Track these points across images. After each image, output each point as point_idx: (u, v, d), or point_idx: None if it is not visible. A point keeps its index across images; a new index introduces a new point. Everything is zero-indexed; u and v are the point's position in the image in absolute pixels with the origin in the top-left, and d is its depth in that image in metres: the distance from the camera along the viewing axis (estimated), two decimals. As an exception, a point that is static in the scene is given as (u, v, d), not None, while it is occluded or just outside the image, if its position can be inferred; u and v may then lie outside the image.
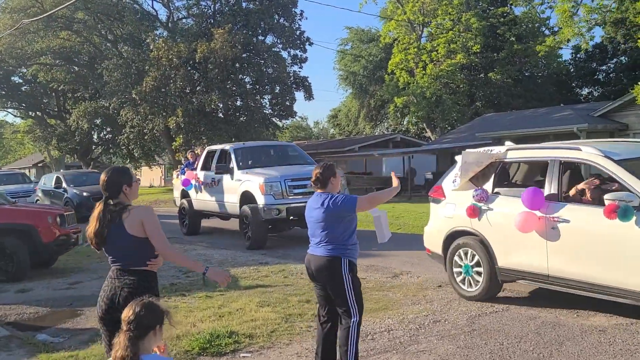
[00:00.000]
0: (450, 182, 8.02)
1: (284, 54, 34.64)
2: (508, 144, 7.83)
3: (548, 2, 43.68)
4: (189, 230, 16.12)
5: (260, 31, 34.20)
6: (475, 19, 39.04)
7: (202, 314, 7.46)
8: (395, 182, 5.38)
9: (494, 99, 43.52)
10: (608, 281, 6.15)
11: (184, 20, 37.09)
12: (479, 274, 7.46)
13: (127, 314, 3.20)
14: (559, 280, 6.64)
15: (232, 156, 14.31)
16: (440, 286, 8.51)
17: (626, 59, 47.31)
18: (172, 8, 36.45)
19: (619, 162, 6.43)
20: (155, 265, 4.10)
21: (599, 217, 6.18)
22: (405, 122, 49.15)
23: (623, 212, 5.89)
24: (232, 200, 13.89)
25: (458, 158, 7.98)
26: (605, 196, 6.12)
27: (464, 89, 41.30)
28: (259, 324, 6.89)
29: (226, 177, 14.19)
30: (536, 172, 8.05)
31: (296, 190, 12.79)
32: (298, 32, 34.62)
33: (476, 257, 7.47)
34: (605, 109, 27.14)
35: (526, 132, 28.57)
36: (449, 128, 43.39)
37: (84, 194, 21.93)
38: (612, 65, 50.40)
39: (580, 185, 6.89)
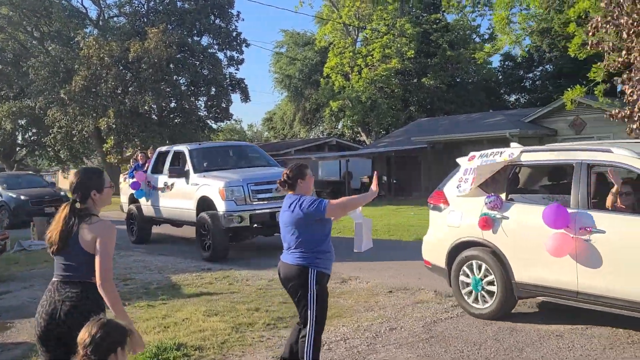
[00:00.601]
0: (454, 187, 7.22)
1: (220, 55, 34.19)
2: (514, 145, 7.23)
3: (479, 11, 44.84)
4: (138, 238, 14.78)
5: (195, 31, 33.60)
6: (410, 25, 39.56)
7: (146, 325, 7.07)
8: (374, 186, 5.10)
9: (428, 104, 44.21)
10: None
11: (115, 19, 36.06)
12: (491, 289, 6.70)
13: (83, 336, 2.82)
14: (591, 297, 5.90)
15: (188, 158, 12.98)
16: (391, 292, 8.39)
17: (551, 67, 48.98)
18: (102, 6, 35.40)
19: None
20: None
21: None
22: (340, 126, 49.30)
23: None
24: (187, 207, 12.62)
25: (460, 161, 7.44)
26: None
27: (398, 93, 41.74)
28: (208, 335, 6.56)
29: (180, 181, 12.93)
30: (553, 176, 7.56)
31: (260, 195, 11.66)
32: (234, 34, 34.20)
33: (488, 271, 6.71)
34: (535, 115, 27.90)
35: (460, 136, 29.08)
36: (384, 132, 43.79)
37: (22, 197, 20.60)
38: (538, 73, 52.09)
39: (614, 191, 6.39)
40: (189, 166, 12.80)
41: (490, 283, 6.69)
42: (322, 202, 4.72)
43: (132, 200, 14.97)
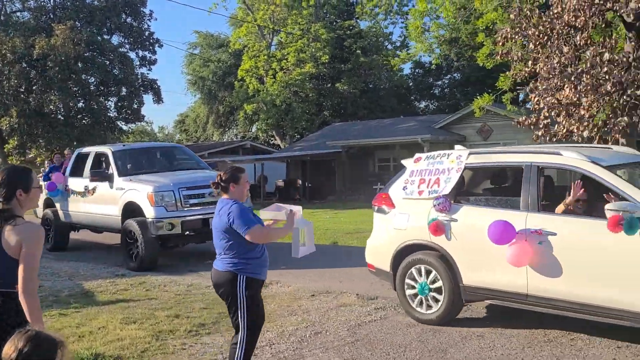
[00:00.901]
0: (400, 189, 7.06)
1: (132, 54, 33.23)
2: (458, 147, 7.26)
3: (391, 19, 45.85)
4: (55, 244, 13.65)
5: (106, 30, 32.53)
6: (324, 30, 39.90)
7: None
8: (294, 221, 4.80)
9: (341, 109, 44.71)
10: (602, 301, 5.46)
11: (19, 14, 34.35)
12: (438, 293, 6.59)
13: (8, 351, 2.54)
14: (540, 300, 5.87)
15: (112, 160, 11.96)
16: (313, 295, 8.36)
17: (459, 75, 50.70)
18: (4, 0, 33.64)
19: (608, 168, 5.87)
20: None
21: (593, 230, 5.61)
22: (254, 129, 49.08)
23: (629, 225, 5.25)
24: (111, 213, 11.64)
25: (406, 163, 7.34)
26: (607, 206, 5.43)
27: (312, 98, 42.02)
28: (127, 344, 6.31)
29: (103, 185, 11.94)
30: (498, 178, 7.55)
31: (192, 201, 10.87)
32: (147, 33, 33.35)
33: (435, 275, 6.59)
34: (445, 122, 28.75)
35: (374, 141, 29.58)
36: (298, 136, 43.93)
37: None
38: (446, 81, 53.81)
39: (567, 202, 6.13)
40: (113, 169, 11.82)
41: (438, 287, 6.61)
42: (246, 225, 4.54)
43: (48, 204, 14.02)
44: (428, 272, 6.68)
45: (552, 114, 13.90)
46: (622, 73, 12.25)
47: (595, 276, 5.52)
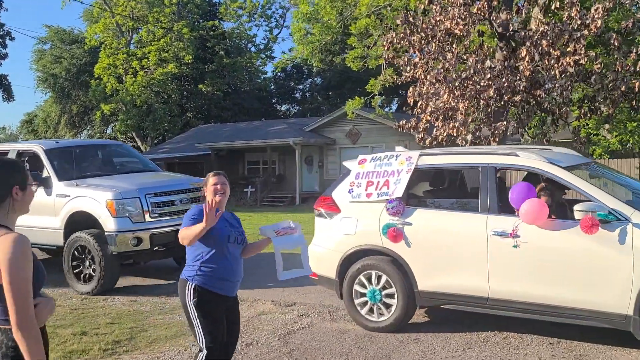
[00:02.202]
0: (345, 192, 6.76)
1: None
2: (399, 148, 7.02)
3: (255, 21, 45.71)
4: None
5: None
6: (187, 30, 38.90)
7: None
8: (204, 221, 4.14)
9: (205, 111, 43.87)
10: (567, 302, 5.45)
11: None
12: (389, 300, 6.36)
13: None
14: (502, 302, 5.78)
15: (45, 160, 9.76)
16: (226, 304, 7.95)
17: (320, 80, 51.61)
18: None
19: (567, 169, 5.85)
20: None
21: (556, 231, 5.58)
22: (109, 131, 46.84)
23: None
24: (48, 225, 9.39)
25: (350, 165, 7.05)
26: (576, 207, 5.40)
27: (175, 98, 40.81)
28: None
29: (39, 192, 9.47)
30: (446, 180, 7.39)
31: (161, 209, 9.06)
32: (-5, 25, 30.67)
33: (387, 281, 6.35)
34: (315, 125, 29.06)
35: (245, 143, 29.24)
36: (160, 138, 42.51)
37: None
38: (307, 85, 54.60)
39: (543, 198, 6.07)
40: (49, 171, 9.61)
41: (390, 293, 6.39)
42: (183, 224, 4.25)
43: None
44: (379, 278, 6.46)
45: (432, 118, 14.39)
46: (499, 80, 12.93)
47: (560, 277, 5.51)
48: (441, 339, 6.15)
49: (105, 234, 8.78)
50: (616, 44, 12.21)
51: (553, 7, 13.37)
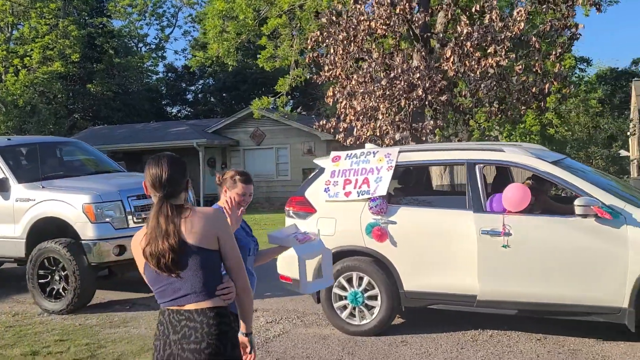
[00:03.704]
0: (321, 191, 6.45)
1: None
2: (370, 146, 6.76)
3: (146, 19, 44.19)
4: None
5: None
6: (75, 27, 36.89)
7: None
8: None
9: (94, 112, 41.83)
10: (566, 299, 5.43)
11: None
12: (372, 302, 6.12)
13: None
14: (492, 301, 5.67)
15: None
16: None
17: (212, 81, 50.72)
18: None
19: (555, 164, 5.82)
20: (228, 295, 2.74)
21: (549, 227, 5.54)
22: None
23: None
24: (6, 234, 8.26)
25: (323, 163, 6.69)
26: (576, 202, 5.32)
27: (62, 99, 38.58)
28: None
29: None
30: (422, 177, 7.22)
31: (145, 213, 7.92)
32: None
33: (369, 282, 6.10)
34: (218, 126, 28.45)
35: (145, 145, 28.09)
36: (45, 141, 40.02)
37: None
38: (200, 86, 53.51)
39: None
40: (4, 173, 8.44)
41: (373, 295, 6.13)
42: None
43: None
44: (360, 280, 6.18)
45: (354, 118, 14.37)
46: (425, 80, 13.10)
47: (555, 275, 5.47)
48: (429, 340, 6.00)
49: (82, 242, 7.68)
50: (537, 46, 12.70)
51: (473, 10, 13.74)
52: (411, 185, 7.34)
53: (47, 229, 8.01)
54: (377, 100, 13.57)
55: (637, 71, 45.71)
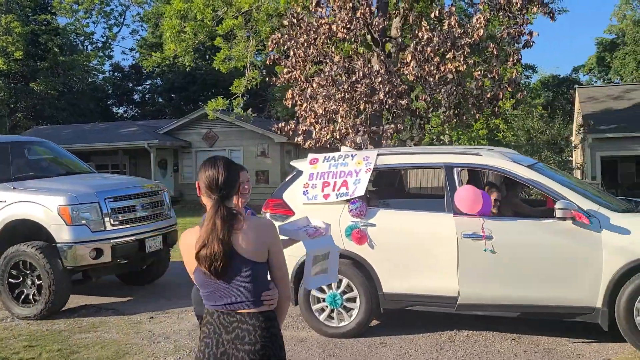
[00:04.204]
0: (299, 193, 6.44)
1: None
2: (346, 149, 6.78)
3: (93, 17, 43.24)
4: None
5: None
6: (18, 23, 35.82)
7: None
8: None
9: (38, 111, 40.65)
10: (545, 300, 5.55)
11: None
12: (351, 304, 6.15)
13: None
14: (473, 303, 5.76)
15: None
16: (152, 317, 7.30)
17: (161, 81, 49.99)
18: None
19: (530, 168, 5.94)
20: (271, 302, 2.83)
21: (529, 230, 5.67)
22: None
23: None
24: None
25: (300, 165, 6.67)
26: (557, 206, 5.41)
27: (3, 97, 37.40)
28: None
29: None
30: (400, 180, 7.20)
31: (122, 216, 7.78)
32: None
33: (347, 284, 6.12)
34: (169, 127, 28.10)
35: (94, 146, 27.50)
36: (-15, 140, 38.68)
37: None
38: (147, 87, 52.66)
39: (493, 193, 6.26)
40: None
41: (352, 297, 6.15)
42: None
43: None
44: (339, 282, 6.18)
45: (314, 120, 14.43)
46: (385, 84, 13.26)
47: (534, 276, 5.58)
48: (407, 341, 6.07)
49: (58, 245, 7.38)
50: (495, 52, 13.01)
51: (432, 15, 13.98)
52: (389, 188, 7.40)
53: (18, 231, 7.68)
54: (337, 104, 13.66)
55: (578, 78, 47.40)
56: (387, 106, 13.58)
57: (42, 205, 7.49)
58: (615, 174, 26.30)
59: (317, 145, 14.97)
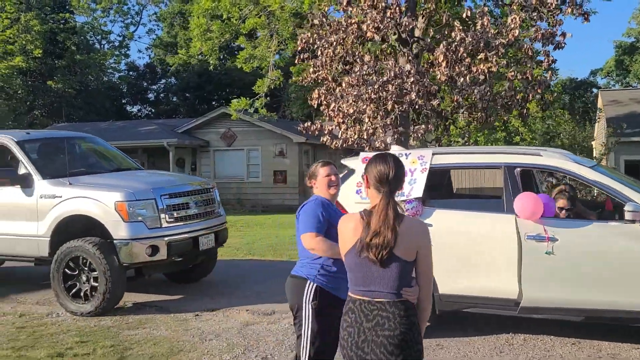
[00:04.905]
0: (351, 192, 6.27)
1: None
2: (397, 147, 6.70)
3: (111, 16, 43.36)
4: None
5: None
6: (37, 22, 35.97)
7: None
8: None
9: (55, 109, 40.79)
10: (618, 305, 5.41)
11: None
12: None
13: None
14: (535, 308, 5.65)
15: (19, 154, 8.07)
16: (197, 315, 7.26)
17: (175, 80, 50.04)
18: None
19: (593, 169, 5.83)
20: (412, 297, 2.98)
21: (597, 233, 5.52)
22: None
23: None
24: (27, 232, 7.80)
25: (352, 164, 6.57)
26: (626, 208, 5.31)
27: (21, 95, 37.56)
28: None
29: (12, 192, 7.96)
30: (454, 179, 7.08)
31: (177, 213, 7.73)
32: None
33: None
34: (188, 126, 28.08)
35: (113, 144, 27.46)
36: (4, 137, 38.81)
37: None
38: (162, 86, 52.75)
39: (561, 200, 6.07)
40: (27, 167, 7.96)
41: None
42: (306, 228, 3.86)
43: None
44: None
45: (341, 120, 14.37)
46: (417, 84, 13.16)
47: (600, 280, 5.47)
48: (464, 344, 5.98)
49: (115, 242, 7.33)
50: (529, 54, 12.91)
51: (464, 16, 13.87)
52: (443, 188, 7.31)
53: (71, 227, 7.66)
54: (365, 103, 13.59)
55: (596, 82, 47.13)
56: (416, 106, 13.50)
57: (98, 201, 7.44)
58: (638, 178, 26.15)
59: (344, 145, 14.93)
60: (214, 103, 46.41)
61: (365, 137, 14.17)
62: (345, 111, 13.87)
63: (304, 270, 3.87)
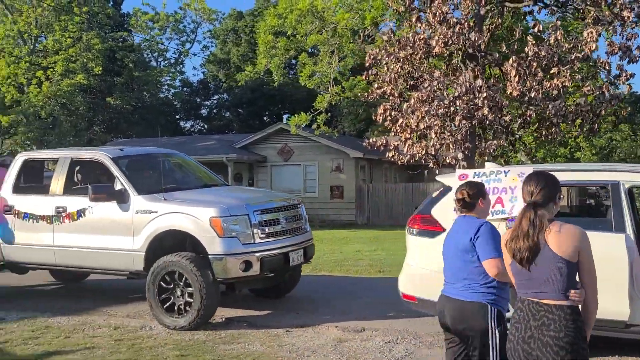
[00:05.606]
0: (450, 209, 6.08)
1: None
2: (491, 164, 6.67)
3: (167, 34, 44.32)
4: None
5: None
6: (98, 40, 37.02)
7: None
8: None
9: (114, 125, 41.84)
10: None
11: None
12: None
13: None
14: None
15: (116, 171, 8.28)
16: (288, 331, 7.28)
17: (227, 96, 50.75)
18: None
19: None
20: (578, 299, 3.16)
21: None
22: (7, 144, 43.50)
23: None
24: (122, 246, 7.98)
25: (448, 181, 6.59)
26: None
27: (82, 111, 38.61)
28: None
29: (105, 207, 8.12)
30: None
31: (268, 229, 7.82)
32: None
33: None
34: (246, 141, 28.39)
35: (173, 160, 27.96)
36: (65, 153, 39.89)
37: None
38: (215, 102, 53.54)
39: None
40: (123, 184, 8.13)
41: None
42: (496, 252, 3.84)
43: None
44: None
45: (411, 136, 14.33)
46: (489, 99, 13.03)
47: None
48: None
49: (210, 257, 7.42)
50: (607, 68, 12.68)
51: (536, 30, 13.72)
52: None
53: (164, 242, 7.83)
54: (432, 119, 13.52)
55: (655, 96, 45.91)
56: (486, 122, 13.37)
57: (193, 216, 7.56)
58: None
59: (411, 160, 14.90)
60: (265, 118, 46.89)
61: (433, 152, 14.13)
62: (414, 126, 13.82)
63: (482, 296, 3.87)
